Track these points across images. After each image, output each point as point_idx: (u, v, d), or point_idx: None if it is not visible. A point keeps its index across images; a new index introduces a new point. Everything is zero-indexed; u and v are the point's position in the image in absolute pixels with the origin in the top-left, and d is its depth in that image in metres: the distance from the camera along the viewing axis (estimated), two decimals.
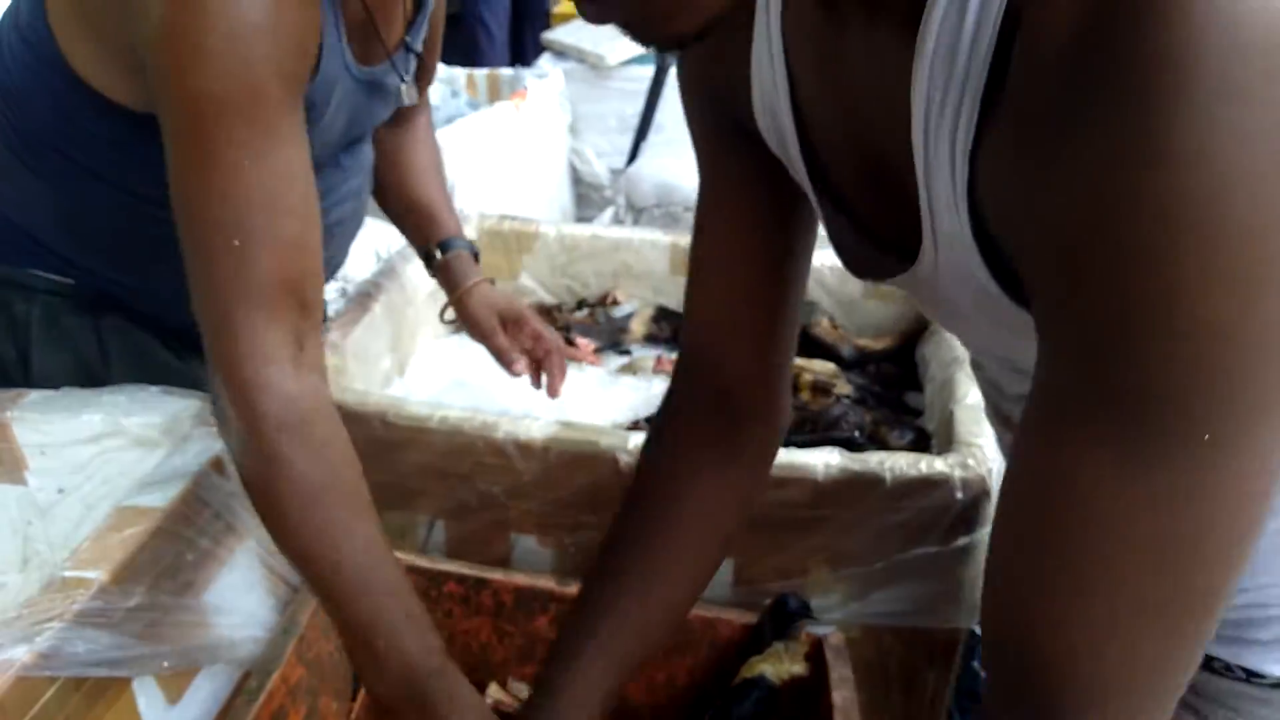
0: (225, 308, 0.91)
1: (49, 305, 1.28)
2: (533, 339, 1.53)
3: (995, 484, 1.22)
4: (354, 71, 1.14)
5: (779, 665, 1.24)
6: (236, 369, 0.91)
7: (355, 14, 1.12)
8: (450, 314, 1.57)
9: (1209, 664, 0.84)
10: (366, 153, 1.37)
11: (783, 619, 1.26)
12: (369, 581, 0.94)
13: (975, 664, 2.10)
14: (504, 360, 1.52)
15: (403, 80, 1.28)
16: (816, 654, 1.27)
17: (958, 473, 1.20)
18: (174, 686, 1.09)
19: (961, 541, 1.23)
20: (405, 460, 1.44)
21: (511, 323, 1.53)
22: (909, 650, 1.36)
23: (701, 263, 0.92)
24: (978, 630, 2.19)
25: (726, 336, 0.92)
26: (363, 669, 0.96)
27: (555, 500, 1.42)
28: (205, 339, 0.94)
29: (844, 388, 1.66)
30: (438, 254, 1.52)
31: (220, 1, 0.87)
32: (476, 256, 1.54)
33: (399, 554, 1.38)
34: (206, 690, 1.15)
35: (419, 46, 1.33)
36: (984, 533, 1.23)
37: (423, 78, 1.44)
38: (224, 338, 0.91)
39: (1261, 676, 0.83)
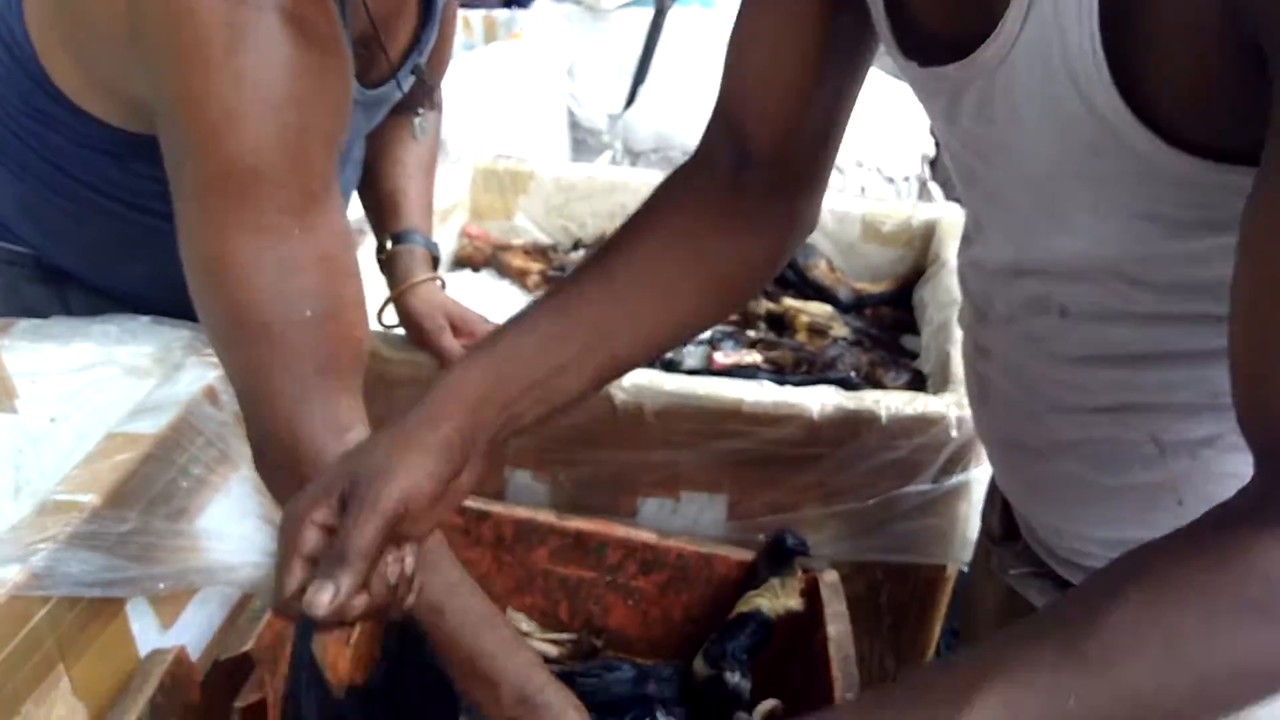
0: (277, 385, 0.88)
1: (9, 274, 1.26)
2: None
3: None
4: (358, 95, 1.05)
5: (775, 600, 1.24)
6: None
7: (362, 28, 1.03)
8: (390, 315, 1.40)
9: None
10: (355, 152, 1.28)
11: (779, 556, 1.27)
12: (466, 614, 0.91)
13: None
14: (449, 364, 1.32)
15: (400, 90, 1.20)
16: (811, 590, 1.28)
17: (953, 411, 1.20)
18: (168, 611, 1.10)
19: (955, 480, 1.23)
20: (401, 396, 1.43)
21: (462, 328, 1.36)
22: (900, 586, 1.37)
23: (748, 21, 0.83)
24: (965, 569, 2.20)
25: (767, 96, 0.83)
26: (476, 696, 0.93)
27: (551, 436, 1.41)
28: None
29: (841, 330, 1.65)
30: (389, 244, 1.36)
31: (258, 69, 0.82)
32: (435, 261, 1.38)
33: None
34: (201, 615, 1.15)
35: (425, 57, 1.24)
36: (977, 472, 1.23)
37: (427, 93, 1.34)
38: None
39: None
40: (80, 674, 0.96)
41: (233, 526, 1.17)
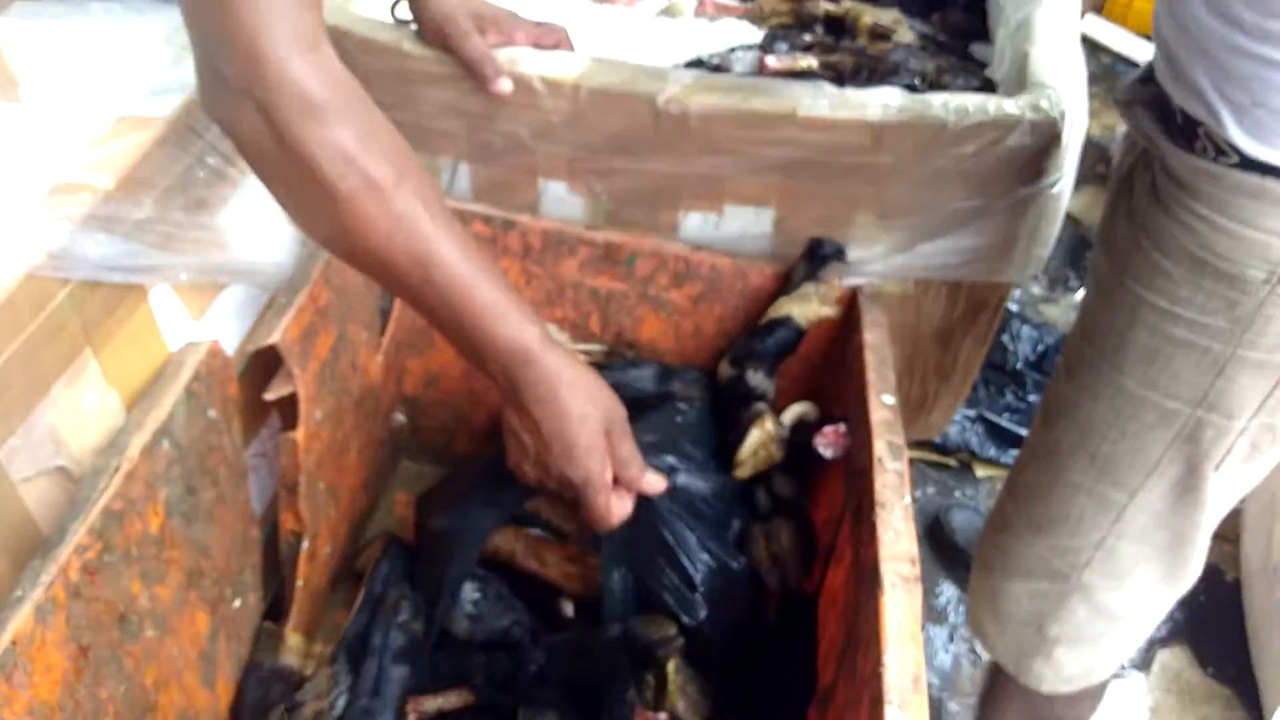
0: None
1: None
2: (532, 37, 1.23)
3: (1069, 129, 1.12)
4: None
5: (807, 306, 1.20)
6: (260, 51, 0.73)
7: None
8: (403, 8, 1.24)
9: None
10: None
11: (816, 261, 1.21)
12: (469, 269, 0.85)
13: (1004, 338, 2.10)
14: (480, 72, 1.18)
15: None
16: (850, 301, 1.24)
17: (1028, 115, 1.10)
18: (195, 304, 1.07)
19: (1024, 192, 1.15)
20: (423, 96, 1.33)
21: (492, 26, 1.21)
22: (949, 306, 1.32)
23: None
24: (1014, 308, 2.15)
25: None
26: (468, 351, 0.91)
27: (586, 144, 1.32)
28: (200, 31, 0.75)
29: (906, 34, 1.51)
30: None
31: None
32: None
33: None
34: (230, 311, 1.13)
35: None
36: (1051, 181, 1.15)
37: None
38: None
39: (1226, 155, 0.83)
40: (110, 361, 0.95)
41: (255, 223, 1.12)
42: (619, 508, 0.99)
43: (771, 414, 1.22)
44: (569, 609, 1.20)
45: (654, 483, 1.02)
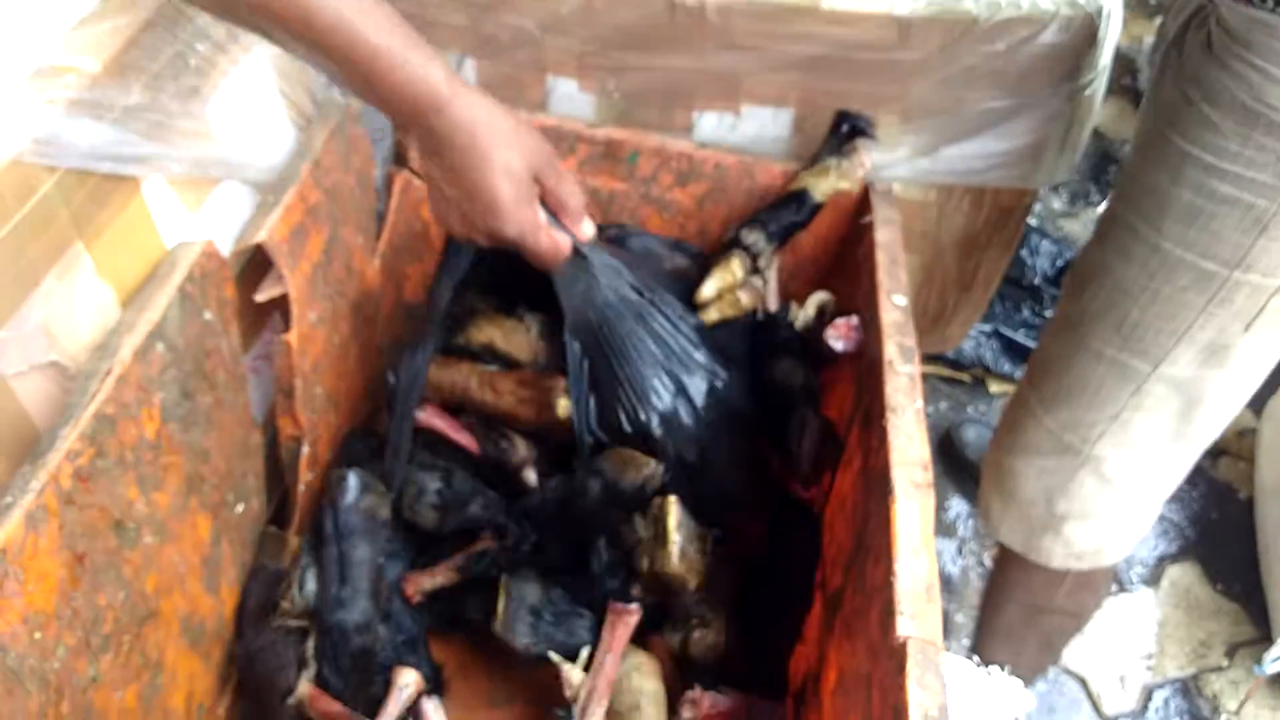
0: None
1: None
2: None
3: (1105, 26, 1.06)
4: None
5: (824, 179, 1.16)
6: None
7: None
8: None
9: None
10: None
11: (841, 135, 1.16)
12: (354, 6, 0.77)
13: (1022, 252, 2.05)
14: None
15: None
16: (861, 201, 1.19)
17: (1064, 10, 1.04)
18: (191, 200, 1.03)
19: (1057, 92, 1.09)
20: None
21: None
22: (972, 214, 1.28)
23: None
24: (1033, 222, 2.10)
25: None
26: (375, 103, 0.83)
27: (597, 38, 1.26)
28: None
29: None
30: None
31: None
32: None
33: None
34: (227, 211, 1.09)
35: None
36: (1086, 81, 1.09)
37: None
38: None
39: None
40: (102, 256, 0.91)
41: (248, 117, 1.07)
42: (562, 239, 0.94)
43: (743, 260, 1.17)
44: (532, 477, 1.18)
45: (585, 230, 0.98)
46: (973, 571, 1.79)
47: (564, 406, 1.13)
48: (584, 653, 1.09)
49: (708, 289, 1.16)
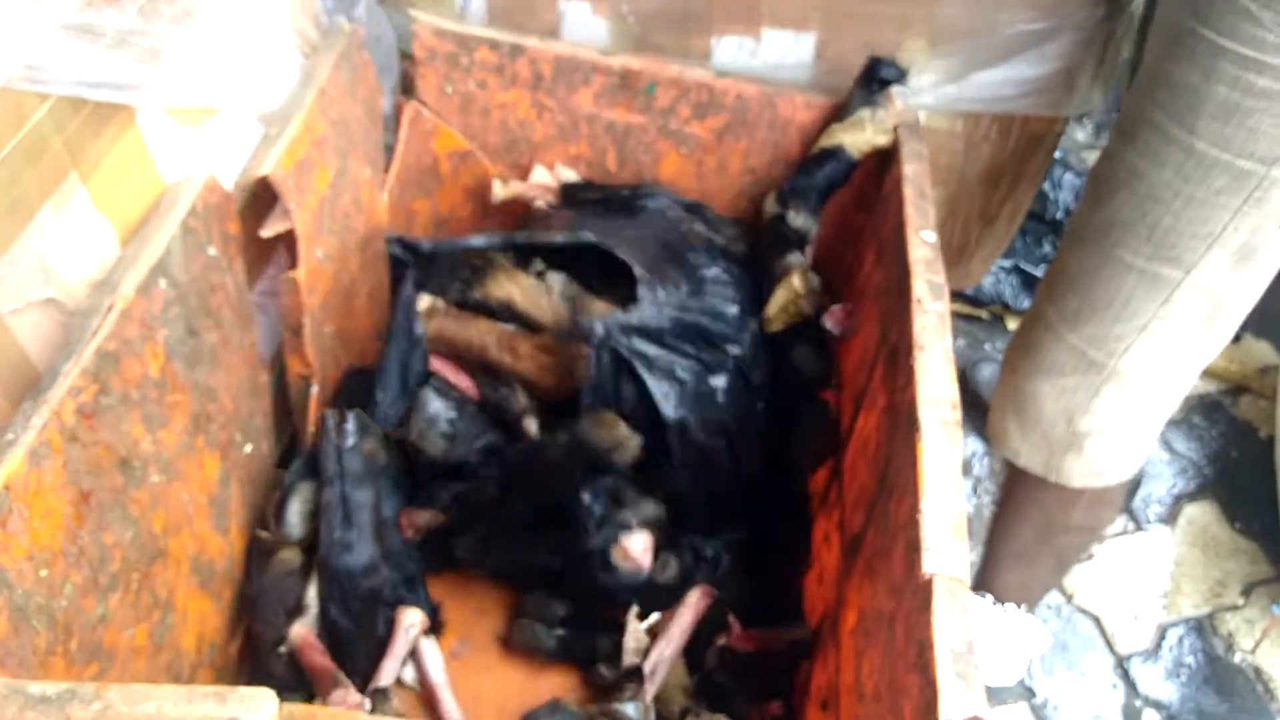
0: None
1: None
2: None
3: None
4: None
5: (859, 134, 1.12)
6: None
7: None
8: None
9: None
10: None
11: (874, 85, 1.12)
12: None
13: (1044, 186, 2.00)
14: None
15: None
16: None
17: None
18: (190, 131, 1.00)
19: (1096, 12, 1.04)
20: None
21: None
22: (1000, 144, 1.24)
23: None
24: (1058, 157, 2.03)
25: None
26: None
27: None
28: None
29: None
30: None
31: None
32: None
33: (425, 16, 1.22)
34: (226, 140, 1.05)
35: None
36: None
37: None
38: None
39: None
40: (99, 188, 0.88)
41: (249, 44, 1.03)
42: None
43: (801, 270, 1.16)
44: (533, 426, 1.17)
45: None
46: (987, 510, 1.77)
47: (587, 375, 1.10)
48: (637, 621, 1.09)
49: (772, 308, 1.17)
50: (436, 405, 1.17)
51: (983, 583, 1.43)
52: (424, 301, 1.18)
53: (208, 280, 0.98)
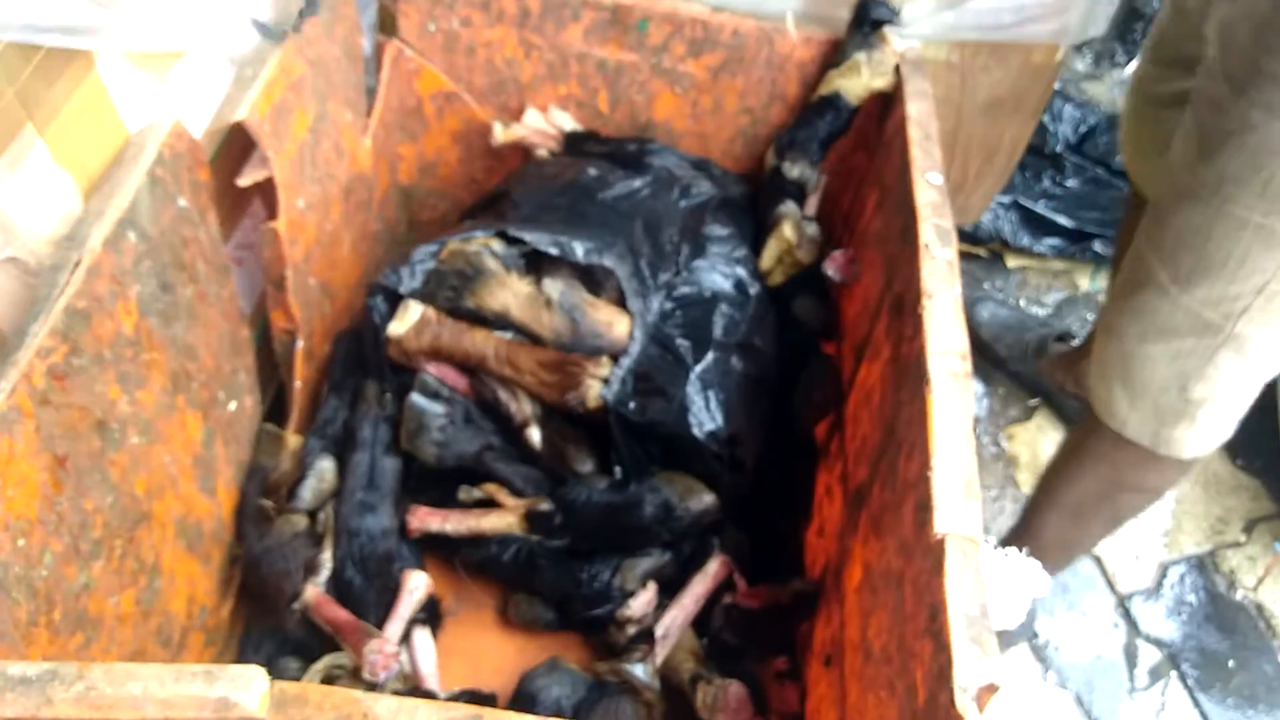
0: None
1: None
2: None
3: None
4: None
5: (856, 80, 1.07)
6: None
7: None
8: None
9: None
10: None
11: (866, 26, 1.07)
12: None
13: (1043, 118, 1.95)
14: None
15: None
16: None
17: None
18: (154, 77, 0.94)
19: None
20: None
21: None
22: (999, 74, 1.19)
23: None
24: (1056, 89, 1.97)
25: None
26: None
27: None
28: None
29: None
30: None
31: None
32: None
33: None
34: (195, 88, 1.00)
35: None
36: None
37: None
38: None
39: None
40: (58, 140, 0.83)
41: None
42: None
43: (793, 220, 1.11)
44: (535, 436, 1.12)
45: None
46: (987, 452, 1.75)
47: (594, 395, 1.06)
48: (644, 594, 1.07)
49: (766, 260, 1.12)
50: (426, 409, 1.12)
51: (1025, 534, 1.39)
52: (415, 310, 1.11)
53: (179, 233, 0.94)
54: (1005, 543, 1.39)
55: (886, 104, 1.11)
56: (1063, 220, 1.89)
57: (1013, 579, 1.41)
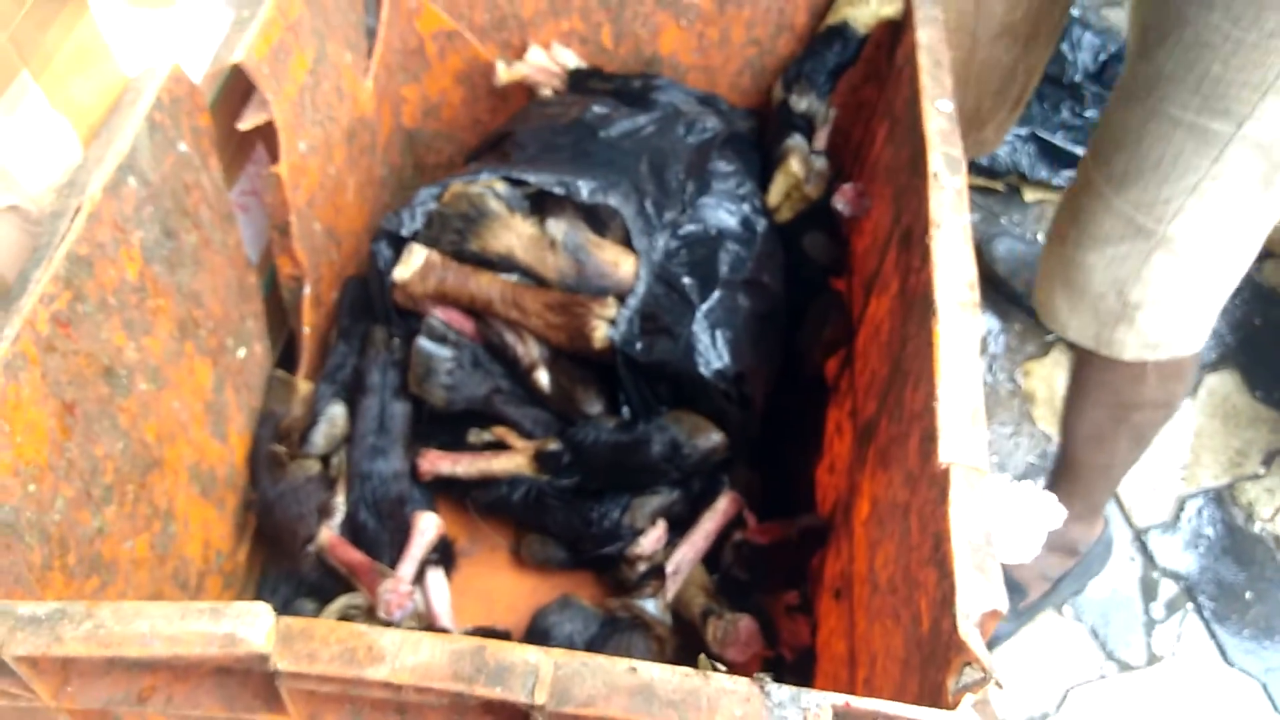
0: None
1: None
2: None
3: None
4: None
5: (863, 8, 1.05)
6: None
7: None
8: None
9: None
10: None
11: None
12: None
13: (1062, 46, 1.90)
14: None
15: None
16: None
17: None
18: (150, 18, 0.93)
19: None
20: None
21: None
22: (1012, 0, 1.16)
23: None
24: (1074, 13, 1.93)
25: None
26: None
27: None
28: None
29: None
30: None
31: None
32: None
33: None
34: (191, 28, 0.99)
35: None
36: None
37: None
38: None
39: None
40: (54, 85, 0.83)
41: None
42: None
43: (800, 154, 1.09)
44: (543, 379, 1.12)
45: None
46: (1003, 388, 1.74)
47: (601, 336, 1.05)
48: (654, 532, 1.07)
49: (773, 196, 1.10)
50: (433, 353, 1.12)
51: (1062, 473, 1.39)
52: (419, 255, 1.11)
53: (181, 178, 0.93)
54: (1049, 488, 1.39)
55: (896, 33, 1.08)
56: (1081, 152, 1.85)
57: (1025, 511, 1.41)
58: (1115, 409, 1.24)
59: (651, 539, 1.06)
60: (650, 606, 1.02)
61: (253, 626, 0.58)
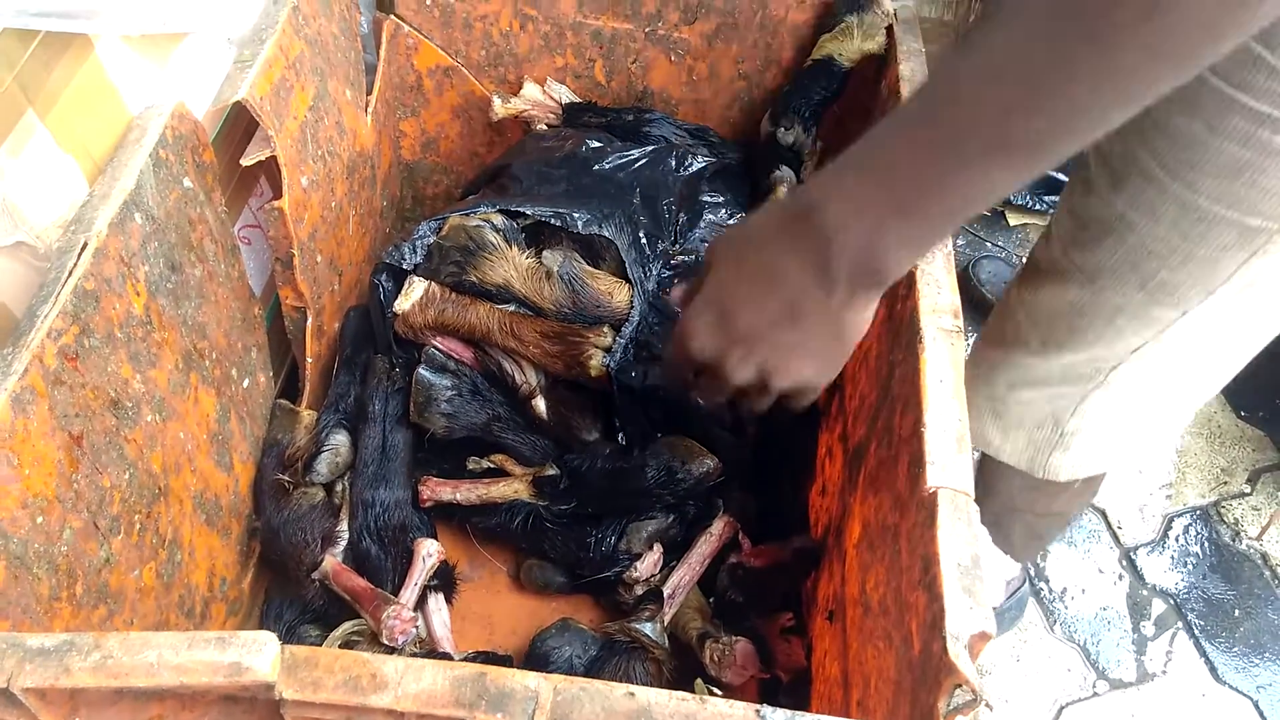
0: None
1: None
2: None
3: None
4: None
5: (847, 43, 1.08)
6: None
7: None
8: None
9: None
10: None
11: None
12: None
13: None
14: None
15: None
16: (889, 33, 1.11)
17: None
18: (154, 59, 0.96)
19: None
20: None
21: None
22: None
23: None
24: None
25: None
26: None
27: None
28: None
29: None
30: None
31: None
32: None
33: None
34: (196, 69, 1.01)
35: None
36: None
37: None
38: None
39: None
40: (60, 125, 0.85)
41: None
42: None
43: (788, 184, 1.12)
44: (541, 407, 1.14)
45: None
46: None
47: (597, 364, 1.07)
48: (650, 556, 1.09)
49: None
50: (434, 382, 1.14)
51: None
52: (419, 286, 1.13)
53: (185, 213, 0.96)
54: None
55: (880, 67, 1.11)
56: (1064, 177, 1.89)
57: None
58: (1013, 511, 1.24)
59: (648, 563, 1.08)
60: (648, 629, 1.03)
61: (259, 655, 0.59)
